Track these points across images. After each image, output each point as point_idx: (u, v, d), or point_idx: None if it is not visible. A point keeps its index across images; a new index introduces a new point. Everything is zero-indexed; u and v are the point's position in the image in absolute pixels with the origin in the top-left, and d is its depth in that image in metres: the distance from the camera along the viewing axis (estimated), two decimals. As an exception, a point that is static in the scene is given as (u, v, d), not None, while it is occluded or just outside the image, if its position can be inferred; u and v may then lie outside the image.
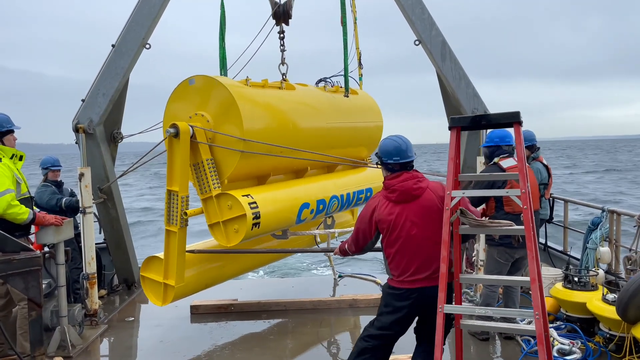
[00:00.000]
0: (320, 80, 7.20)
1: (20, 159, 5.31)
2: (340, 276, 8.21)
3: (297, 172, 6.46)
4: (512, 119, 3.41)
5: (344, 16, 7.24)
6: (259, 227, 5.30)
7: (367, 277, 8.23)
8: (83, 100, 6.94)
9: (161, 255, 5.44)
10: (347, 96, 7.36)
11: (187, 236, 5.47)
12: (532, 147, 7.05)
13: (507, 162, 5.26)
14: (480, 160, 6.30)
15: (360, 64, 7.71)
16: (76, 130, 6.76)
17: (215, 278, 6.10)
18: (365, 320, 6.33)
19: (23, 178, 5.32)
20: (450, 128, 3.60)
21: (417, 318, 3.94)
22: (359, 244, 4.06)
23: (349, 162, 6.91)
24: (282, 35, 6.33)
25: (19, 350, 5.02)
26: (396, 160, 3.78)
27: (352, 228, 4.21)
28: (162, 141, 5.51)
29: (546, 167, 7.17)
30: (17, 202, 5.01)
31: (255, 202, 5.27)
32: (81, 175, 6.22)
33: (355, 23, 7.50)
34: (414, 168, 3.86)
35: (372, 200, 3.95)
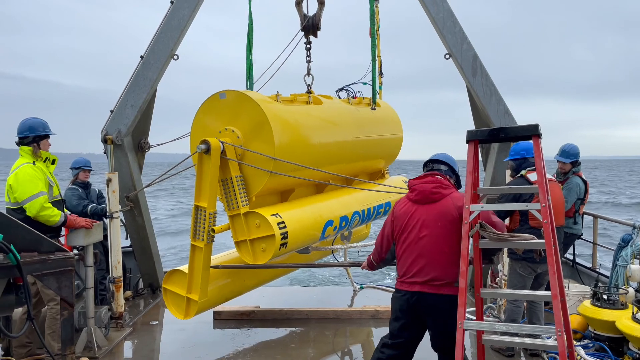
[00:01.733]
0: (340, 89, 7.15)
1: (53, 162, 5.47)
2: (361, 287, 8.16)
3: (318, 186, 6.41)
4: (531, 132, 3.38)
5: (373, 27, 7.22)
6: (286, 247, 5.25)
7: (389, 289, 8.18)
8: (111, 112, 7.04)
9: (184, 268, 5.40)
10: (374, 109, 7.34)
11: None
12: (575, 162, 6.97)
13: (534, 175, 5.18)
14: (510, 173, 6.21)
15: (381, 72, 7.66)
16: (104, 141, 6.86)
17: (235, 291, 6.07)
18: (386, 331, 6.30)
19: (55, 181, 5.49)
20: (467, 141, 3.59)
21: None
22: (382, 249, 4.08)
23: (373, 184, 6.88)
24: (309, 46, 6.33)
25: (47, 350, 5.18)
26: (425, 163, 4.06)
27: (367, 240, 4.27)
28: (189, 156, 5.47)
29: (585, 182, 7.05)
30: (50, 205, 5.17)
31: (283, 222, 5.20)
32: (109, 180, 6.35)
33: (377, 31, 7.45)
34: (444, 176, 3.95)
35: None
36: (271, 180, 5.31)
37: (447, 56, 7.09)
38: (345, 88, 7.04)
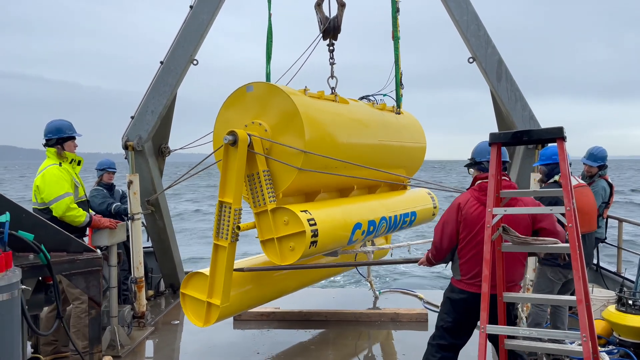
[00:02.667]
0: (362, 98, 6.96)
1: (79, 163, 5.56)
2: (380, 293, 8.06)
3: (342, 190, 6.14)
4: (556, 135, 3.33)
5: (395, 30, 7.12)
6: (316, 246, 4.97)
7: (409, 292, 8.14)
8: (132, 117, 7.03)
9: (205, 271, 5.12)
10: (399, 113, 7.22)
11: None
12: (602, 166, 6.87)
13: (573, 180, 5.05)
14: (535, 177, 6.07)
15: (401, 83, 7.56)
16: (125, 147, 6.83)
17: (259, 298, 5.80)
18: (406, 334, 6.31)
19: (81, 182, 5.58)
20: (490, 144, 3.56)
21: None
22: (443, 249, 4.00)
23: (393, 180, 6.75)
24: (332, 48, 6.21)
25: (72, 348, 5.28)
26: (487, 159, 3.88)
27: (387, 245, 4.23)
28: (215, 151, 5.27)
29: (610, 185, 6.94)
30: (76, 205, 5.26)
31: (313, 219, 4.93)
32: (130, 182, 6.40)
33: (397, 40, 7.20)
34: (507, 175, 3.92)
35: (456, 201, 3.96)
36: (298, 178, 5.09)
37: (471, 60, 6.95)
38: (367, 97, 6.88)
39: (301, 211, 4.92)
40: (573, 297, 3.15)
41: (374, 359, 5.75)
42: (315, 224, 4.91)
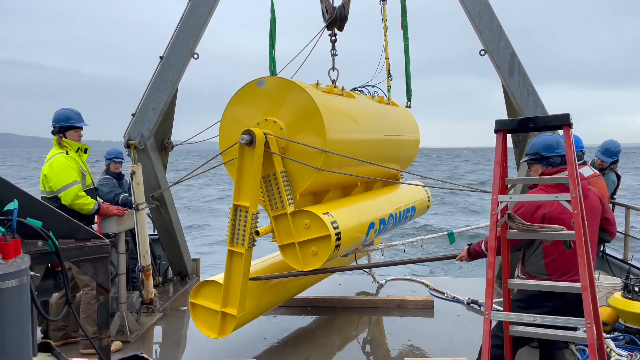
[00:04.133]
0: (354, 90, 6.67)
1: (85, 151, 5.59)
2: (386, 281, 8.05)
3: (346, 188, 5.91)
4: (562, 122, 3.30)
5: (405, 19, 7.01)
6: (339, 250, 4.76)
7: (415, 279, 8.17)
8: (133, 115, 6.88)
9: (218, 279, 4.88)
10: (410, 107, 7.07)
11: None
12: (615, 161, 6.72)
13: (586, 170, 4.99)
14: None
15: (389, 75, 7.13)
16: (127, 146, 6.73)
17: (273, 303, 5.61)
18: (412, 321, 6.35)
19: (88, 170, 5.61)
20: (496, 131, 3.54)
21: None
22: (513, 242, 3.81)
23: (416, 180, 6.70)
24: (334, 39, 5.95)
25: (81, 333, 5.37)
26: (559, 152, 3.77)
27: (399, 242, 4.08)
28: (226, 150, 4.97)
29: (618, 177, 6.87)
30: (84, 193, 5.31)
31: (336, 222, 4.71)
32: (133, 173, 6.38)
33: (385, 32, 6.96)
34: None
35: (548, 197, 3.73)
36: (315, 178, 4.84)
37: (483, 52, 6.72)
38: (357, 89, 6.69)
39: (323, 214, 4.69)
40: (578, 284, 3.15)
41: (380, 345, 5.80)
42: (338, 227, 4.69)
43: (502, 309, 3.79)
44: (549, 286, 3.44)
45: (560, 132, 3.36)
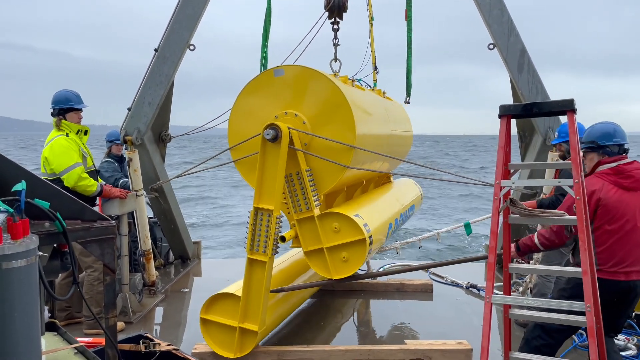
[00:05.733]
0: None
1: (86, 133, 5.55)
2: (385, 268, 7.91)
3: (353, 186, 5.64)
4: (566, 107, 3.31)
5: (410, 10, 6.79)
6: (370, 254, 4.44)
7: (410, 264, 8.20)
8: (129, 109, 6.71)
9: (235, 291, 4.51)
10: (409, 102, 6.92)
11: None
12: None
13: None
14: (552, 157, 5.90)
15: (375, 68, 6.96)
16: (124, 142, 6.56)
17: (288, 312, 5.40)
18: (412, 304, 6.41)
19: (88, 152, 5.59)
20: (500, 116, 3.54)
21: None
22: (565, 238, 3.73)
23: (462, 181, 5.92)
24: (336, 27, 5.69)
25: (85, 314, 5.42)
26: (616, 141, 3.73)
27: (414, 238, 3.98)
28: (237, 145, 4.62)
29: None
30: (87, 175, 5.30)
31: (367, 224, 4.41)
32: (129, 160, 6.34)
33: (371, 24, 6.78)
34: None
35: (589, 188, 3.65)
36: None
37: (491, 46, 6.55)
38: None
39: (354, 215, 4.36)
40: (578, 269, 3.19)
41: (380, 327, 5.86)
42: (370, 230, 4.38)
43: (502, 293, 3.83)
44: (551, 270, 3.47)
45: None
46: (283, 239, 4.42)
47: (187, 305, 6.63)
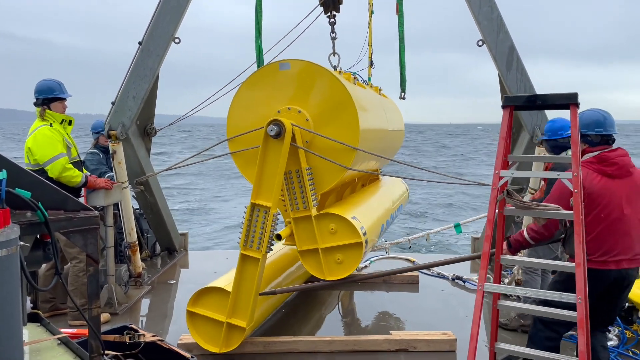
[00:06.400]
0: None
1: (70, 123, 5.46)
2: (372, 262, 7.87)
3: (344, 185, 5.55)
4: (570, 101, 3.31)
5: (401, 4, 6.74)
6: (364, 256, 4.43)
7: (400, 257, 8.24)
8: (113, 104, 6.52)
9: (225, 286, 4.45)
10: (404, 98, 6.88)
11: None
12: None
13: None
14: (539, 151, 5.92)
15: (371, 63, 6.89)
16: (109, 136, 6.36)
17: (274, 307, 5.34)
18: (398, 295, 6.43)
19: (73, 142, 5.51)
20: (503, 107, 3.54)
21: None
22: (554, 229, 3.73)
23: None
24: (332, 20, 5.54)
25: (70, 304, 5.38)
26: (598, 131, 3.69)
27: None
28: (234, 137, 4.51)
29: None
30: (71, 166, 5.23)
31: (363, 227, 4.40)
32: (113, 152, 6.24)
33: (370, 18, 6.74)
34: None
35: (549, 174, 3.71)
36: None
37: (480, 43, 6.50)
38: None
39: (352, 217, 4.33)
40: (571, 263, 3.22)
41: (366, 318, 5.88)
42: (366, 233, 4.36)
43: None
44: (541, 264, 3.50)
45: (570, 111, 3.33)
46: (279, 237, 4.37)
47: (173, 296, 6.59)
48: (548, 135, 5.19)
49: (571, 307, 3.22)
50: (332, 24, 5.60)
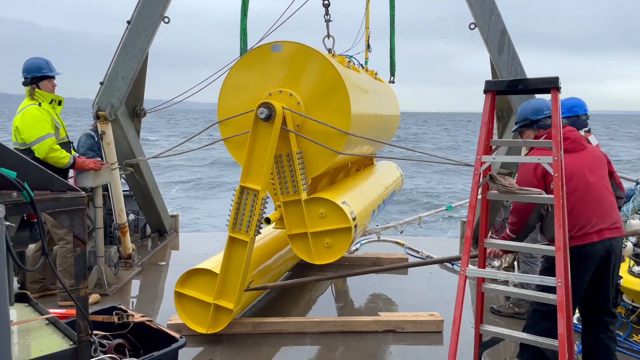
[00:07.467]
0: None
1: (60, 103, 5.39)
2: (361, 245, 7.80)
3: (337, 170, 5.56)
4: (551, 85, 3.32)
5: None
6: (353, 242, 4.46)
7: (390, 240, 8.28)
8: (101, 84, 6.44)
9: (213, 268, 4.44)
10: (393, 82, 6.85)
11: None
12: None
13: (592, 140, 4.94)
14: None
15: (368, 46, 6.84)
16: (97, 117, 6.29)
17: (260, 291, 5.31)
18: (387, 278, 6.47)
19: (62, 123, 5.44)
20: (485, 92, 3.54)
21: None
22: (525, 215, 3.71)
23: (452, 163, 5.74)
24: (326, 2, 5.40)
25: (59, 286, 5.37)
26: (547, 114, 3.78)
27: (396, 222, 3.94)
28: (225, 120, 4.46)
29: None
30: (58, 147, 5.17)
31: (353, 212, 4.39)
32: (102, 133, 6.19)
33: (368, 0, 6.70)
34: None
35: (532, 163, 3.62)
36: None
37: (473, 26, 6.48)
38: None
39: (342, 202, 4.31)
40: (552, 247, 3.25)
41: (355, 300, 5.94)
42: (355, 218, 4.35)
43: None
44: (525, 247, 3.53)
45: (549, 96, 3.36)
46: (268, 220, 4.35)
47: (163, 278, 6.60)
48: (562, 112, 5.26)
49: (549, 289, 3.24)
50: (326, 6, 5.48)
